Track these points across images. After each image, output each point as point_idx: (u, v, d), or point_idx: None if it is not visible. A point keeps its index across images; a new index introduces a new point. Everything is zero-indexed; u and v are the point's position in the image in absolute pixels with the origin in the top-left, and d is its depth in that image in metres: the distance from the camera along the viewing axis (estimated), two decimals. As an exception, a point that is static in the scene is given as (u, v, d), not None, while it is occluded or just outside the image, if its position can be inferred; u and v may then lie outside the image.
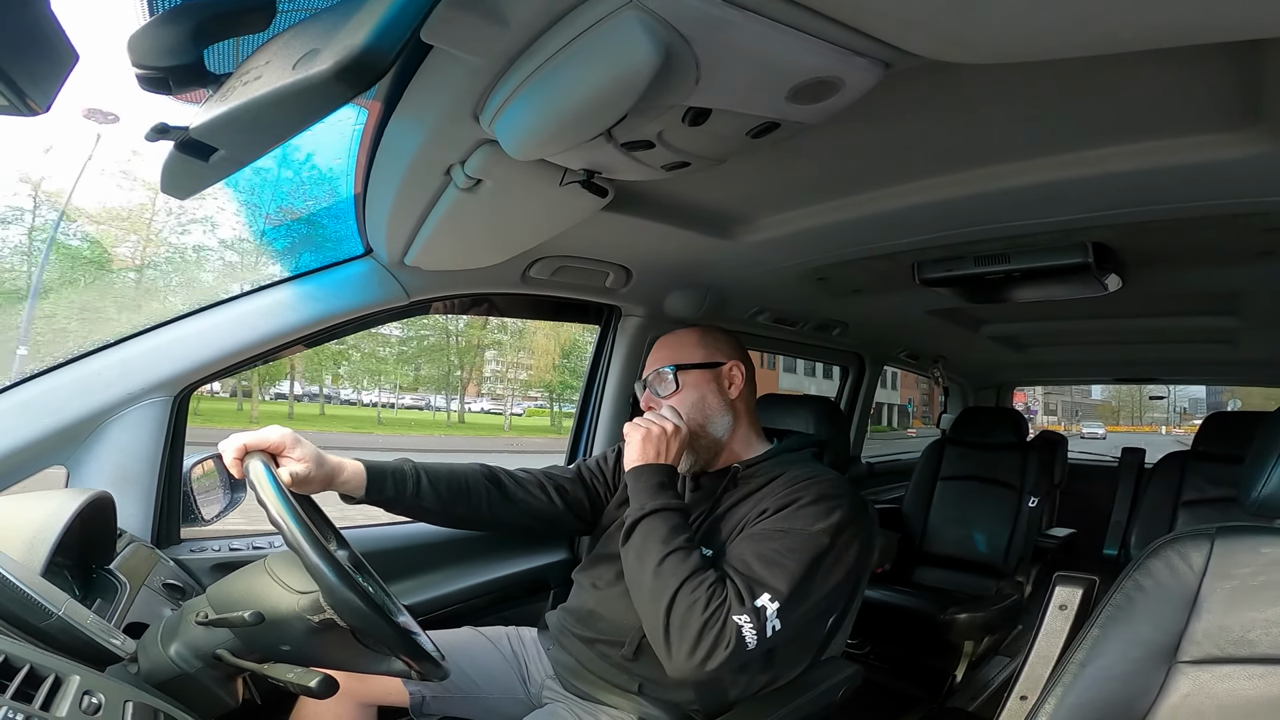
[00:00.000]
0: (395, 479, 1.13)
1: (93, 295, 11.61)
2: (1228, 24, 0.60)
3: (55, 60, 0.50)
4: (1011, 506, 2.88)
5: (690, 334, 1.33)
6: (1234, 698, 0.77)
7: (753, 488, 1.21)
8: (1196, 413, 26.32)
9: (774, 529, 1.10)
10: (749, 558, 1.06)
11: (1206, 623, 0.80)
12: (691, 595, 1.00)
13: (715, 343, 1.32)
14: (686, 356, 1.29)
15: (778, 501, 1.13)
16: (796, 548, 1.07)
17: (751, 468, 1.25)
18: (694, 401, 1.26)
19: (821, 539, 1.08)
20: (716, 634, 0.98)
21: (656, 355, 1.32)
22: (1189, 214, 1.16)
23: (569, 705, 1.20)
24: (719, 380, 1.29)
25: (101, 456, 1.15)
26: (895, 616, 2.59)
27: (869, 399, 3.19)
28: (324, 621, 0.82)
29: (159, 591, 1.02)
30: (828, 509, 1.11)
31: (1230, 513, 0.88)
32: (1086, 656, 0.84)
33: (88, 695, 0.64)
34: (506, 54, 0.72)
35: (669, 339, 1.34)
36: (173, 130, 0.62)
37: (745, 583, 1.02)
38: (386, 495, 1.12)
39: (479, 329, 19.27)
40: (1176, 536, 0.86)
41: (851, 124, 0.88)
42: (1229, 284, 1.70)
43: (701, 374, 1.28)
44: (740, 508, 1.19)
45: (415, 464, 1.18)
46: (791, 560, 1.05)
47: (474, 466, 1.27)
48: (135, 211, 12.32)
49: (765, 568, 1.04)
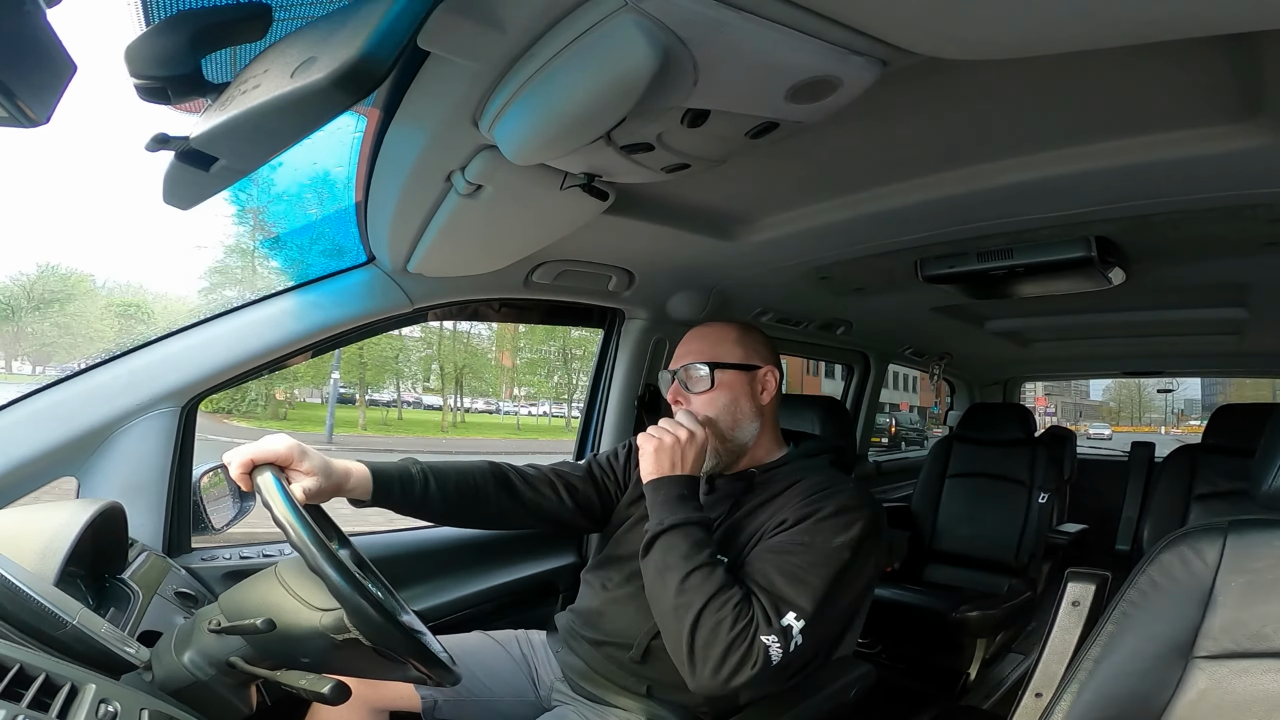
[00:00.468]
0: (402, 482, 1.12)
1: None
2: (1226, 16, 0.59)
3: (54, 71, 0.50)
4: (1021, 503, 2.86)
5: (729, 330, 1.29)
6: (1253, 693, 0.76)
7: (771, 493, 1.20)
8: (1192, 414, 26.37)
9: (795, 542, 1.08)
10: (772, 573, 1.04)
11: (1222, 618, 0.80)
12: (718, 614, 0.99)
13: (754, 344, 1.28)
14: (724, 354, 1.25)
15: (797, 512, 1.11)
16: (819, 562, 1.06)
17: (769, 472, 1.23)
18: (726, 403, 1.23)
19: (843, 553, 1.07)
20: (743, 653, 0.97)
21: (690, 347, 1.27)
22: (1191, 207, 1.16)
23: (577, 708, 1.20)
24: (753, 384, 1.26)
25: (112, 466, 1.16)
26: (907, 615, 2.58)
27: (875, 398, 3.18)
28: (347, 640, 0.82)
29: (171, 600, 1.03)
30: (848, 522, 1.09)
31: (1242, 505, 0.87)
32: (1101, 653, 0.84)
33: (104, 704, 0.64)
34: (504, 59, 0.73)
35: (705, 332, 1.29)
36: (173, 140, 0.62)
37: (771, 600, 1.01)
38: (394, 498, 1.11)
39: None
40: (1189, 531, 0.85)
41: (850, 122, 0.88)
42: (1234, 276, 1.69)
43: (737, 375, 1.25)
44: (759, 514, 1.17)
45: (421, 465, 1.16)
46: (815, 577, 1.04)
47: (481, 465, 1.24)
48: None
49: (790, 585, 1.03)
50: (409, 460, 1.17)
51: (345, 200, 1.20)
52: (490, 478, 1.23)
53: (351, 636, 0.81)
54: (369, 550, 1.09)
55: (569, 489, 1.31)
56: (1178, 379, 5.99)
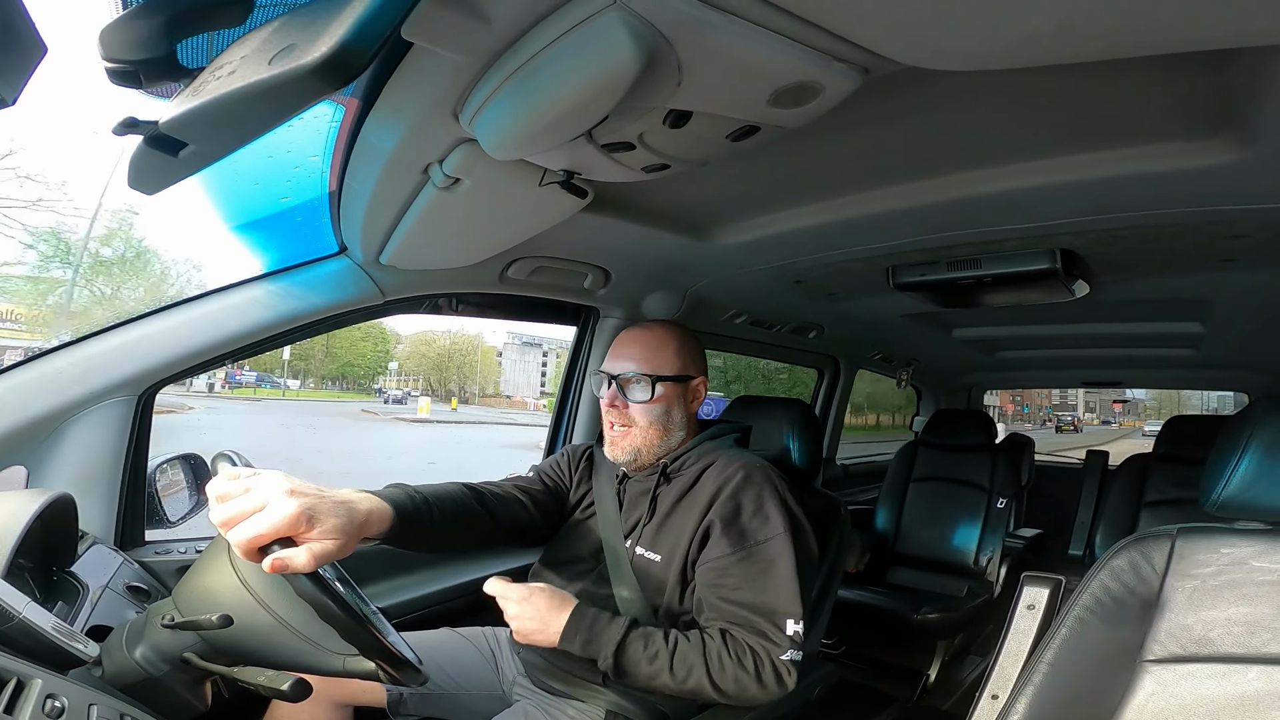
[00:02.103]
0: (415, 516, 1.01)
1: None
2: (1200, 34, 0.61)
3: (23, 52, 0.49)
4: (981, 507, 2.94)
5: (668, 337, 1.30)
6: (1197, 697, 0.79)
7: (686, 482, 1.23)
8: (1225, 409, 27.42)
9: (740, 555, 1.13)
10: (747, 593, 1.10)
11: (1169, 622, 0.82)
12: (721, 670, 1.05)
13: (690, 353, 1.31)
14: (665, 365, 1.27)
15: (722, 511, 1.15)
16: (774, 559, 1.12)
17: (678, 460, 1.26)
18: (660, 413, 1.26)
19: (780, 543, 1.13)
20: (770, 672, 1.06)
21: (630, 351, 1.28)
22: (1154, 222, 1.19)
23: (537, 701, 1.21)
24: (686, 394, 1.30)
25: (63, 456, 1.12)
26: (869, 616, 2.62)
27: (844, 402, 3.23)
28: (349, 666, 0.82)
29: (122, 594, 1.00)
30: (774, 508, 1.16)
31: (1191, 514, 0.90)
32: (1055, 656, 0.86)
33: (51, 699, 0.62)
34: (488, 53, 0.72)
35: (645, 337, 1.30)
36: (142, 124, 0.60)
37: (768, 620, 1.08)
38: (410, 536, 1.01)
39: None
40: (1139, 537, 0.88)
41: (829, 129, 0.88)
42: (1193, 291, 1.75)
43: (674, 385, 1.27)
44: (682, 511, 1.21)
45: (419, 491, 1.07)
46: (780, 578, 1.11)
47: (458, 487, 1.17)
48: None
49: (766, 596, 1.10)
50: (401, 488, 1.05)
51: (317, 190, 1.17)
52: (471, 499, 1.18)
53: (356, 668, 0.81)
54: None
55: (533, 500, 1.31)
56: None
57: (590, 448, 1.44)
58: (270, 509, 0.77)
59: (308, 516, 0.79)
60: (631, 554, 1.23)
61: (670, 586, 1.17)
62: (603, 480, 1.35)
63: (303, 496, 0.80)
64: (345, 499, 0.87)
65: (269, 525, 0.76)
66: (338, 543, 0.82)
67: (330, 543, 0.81)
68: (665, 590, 1.18)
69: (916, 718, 2.49)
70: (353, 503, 0.88)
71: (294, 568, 0.76)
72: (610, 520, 1.28)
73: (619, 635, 1.06)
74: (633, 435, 1.26)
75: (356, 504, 0.88)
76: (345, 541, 0.83)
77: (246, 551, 0.77)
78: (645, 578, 1.20)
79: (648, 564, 1.21)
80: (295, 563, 0.76)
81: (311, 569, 0.77)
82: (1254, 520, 0.85)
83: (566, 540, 1.33)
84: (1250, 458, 0.83)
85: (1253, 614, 0.79)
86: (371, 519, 0.91)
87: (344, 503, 0.86)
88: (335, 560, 0.84)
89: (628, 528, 1.26)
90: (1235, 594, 0.80)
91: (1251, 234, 1.20)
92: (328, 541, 0.80)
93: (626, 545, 1.25)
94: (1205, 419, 2.64)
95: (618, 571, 1.22)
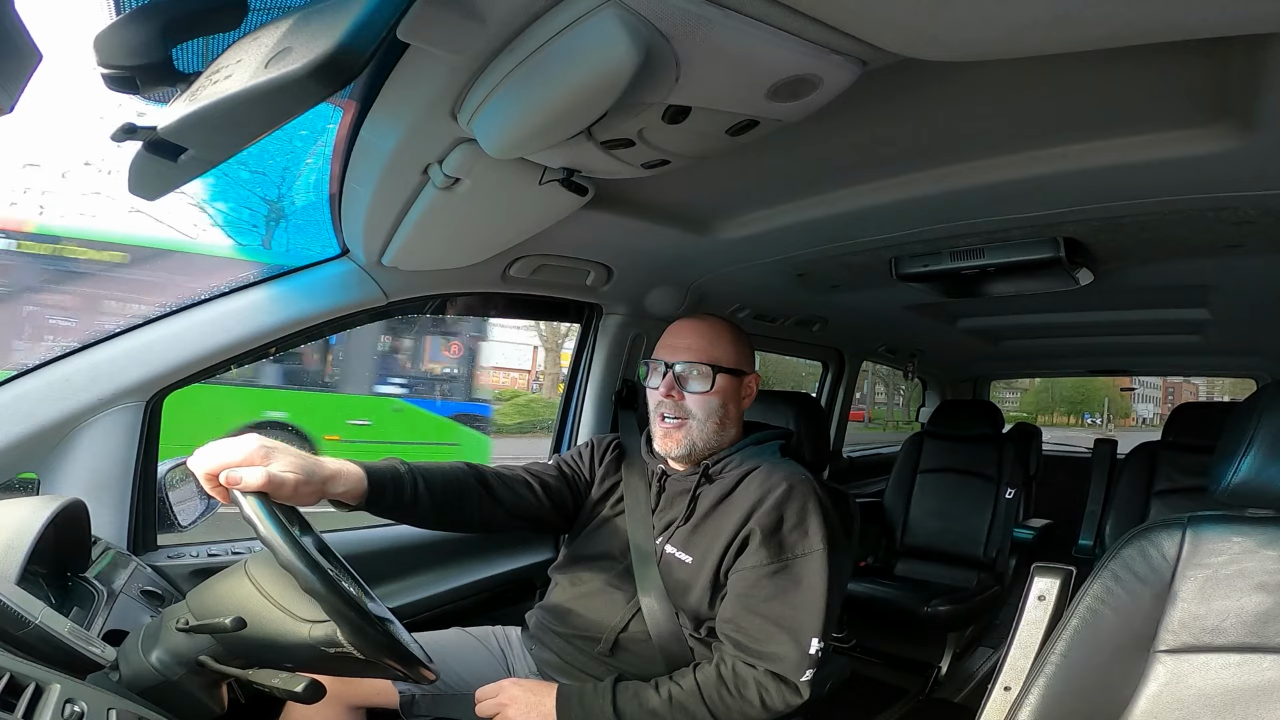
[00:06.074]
0: (394, 485, 1.06)
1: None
2: (1200, 21, 0.61)
3: (18, 60, 0.49)
4: (989, 498, 2.93)
5: (725, 329, 1.27)
6: (1212, 686, 0.79)
7: (727, 486, 1.21)
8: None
9: (776, 567, 1.11)
10: (775, 606, 1.09)
11: (1182, 612, 0.82)
12: (726, 710, 1.05)
13: (744, 348, 1.28)
14: (724, 356, 1.24)
15: (764, 521, 1.13)
16: (809, 575, 1.11)
17: (720, 462, 1.24)
18: (717, 406, 1.23)
19: (817, 560, 1.11)
20: (776, 695, 1.06)
21: (689, 342, 1.25)
22: (1157, 209, 1.18)
23: None
24: (740, 389, 1.27)
25: (74, 463, 1.12)
26: (880, 609, 2.62)
27: (849, 394, 3.22)
28: (340, 653, 0.81)
29: (137, 599, 1.01)
30: (815, 524, 1.13)
31: (1201, 501, 0.90)
32: (1067, 647, 0.86)
33: (70, 704, 0.63)
34: (485, 52, 0.72)
35: (702, 328, 1.27)
36: (140, 130, 0.60)
37: (790, 637, 1.07)
38: (385, 502, 1.05)
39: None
40: (1150, 526, 0.87)
41: (829, 121, 0.88)
42: (1197, 277, 1.73)
43: (731, 379, 1.25)
44: (720, 515, 1.19)
45: (409, 466, 1.11)
46: (811, 594, 1.10)
47: (461, 466, 1.20)
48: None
49: (794, 611, 1.09)
50: (394, 460, 1.10)
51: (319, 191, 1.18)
52: (472, 479, 1.19)
53: (345, 651, 0.81)
54: (346, 546, 1.07)
55: (544, 487, 1.30)
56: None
57: (618, 439, 1.41)
58: (233, 441, 0.85)
59: (265, 450, 0.86)
60: (660, 553, 1.21)
61: (699, 591, 1.16)
62: (635, 475, 1.32)
63: (270, 443, 0.87)
64: (315, 456, 0.93)
65: (227, 451, 0.83)
66: (296, 477, 0.87)
67: (289, 476, 0.86)
68: (692, 594, 1.16)
69: (928, 711, 2.48)
70: (321, 459, 0.94)
71: (246, 482, 0.82)
72: (641, 517, 1.26)
73: (612, 706, 1.06)
74: (689, 428, 1.22)
75: (324, 460, 0.94)
76: (303, 479, 0.88)
77: (208, 478, 0.83)
78: (672, 579, 1.19)
79: (677, 565, 1.19)
80: (248, 478, 0.82)
81: (264, 487, 0.82)
82: (1265, 507, 0.85)
83: (594, 534, 1.31)
84: (1259, 444, 0.82)
85: (1265, 603, 0.78)
86: (340, 477, 0.96)
87: (310, 455, 0.92)
88: (293, 498, 0.88)
89: (660, 526, 1.24)
90: (1247, 583, 0.80)
91: (1255, 220, 1.19)
92: (286, 474, 0.85)
93: (657, 544, 1.22)
94: (1213, 406, 2.62)
95: (643, 571, 1.20)
